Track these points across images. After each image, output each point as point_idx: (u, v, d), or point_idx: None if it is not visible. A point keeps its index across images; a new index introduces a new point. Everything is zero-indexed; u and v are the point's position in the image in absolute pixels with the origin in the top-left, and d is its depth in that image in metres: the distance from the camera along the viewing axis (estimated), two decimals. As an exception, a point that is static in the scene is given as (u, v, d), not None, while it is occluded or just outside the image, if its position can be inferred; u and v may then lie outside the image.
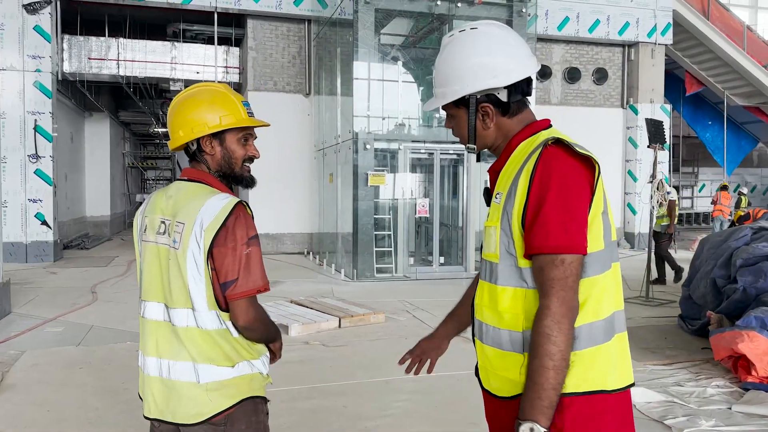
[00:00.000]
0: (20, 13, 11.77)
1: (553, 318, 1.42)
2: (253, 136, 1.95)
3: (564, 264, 1.43)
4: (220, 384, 1.81)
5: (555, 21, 14.72)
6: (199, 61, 14.38)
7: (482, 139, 1.66)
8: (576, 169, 1.49)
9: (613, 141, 15.81)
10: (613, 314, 1.54)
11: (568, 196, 1.46)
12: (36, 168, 11.94)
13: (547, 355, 1.41)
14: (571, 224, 1.45)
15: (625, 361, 1.57)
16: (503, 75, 1.58)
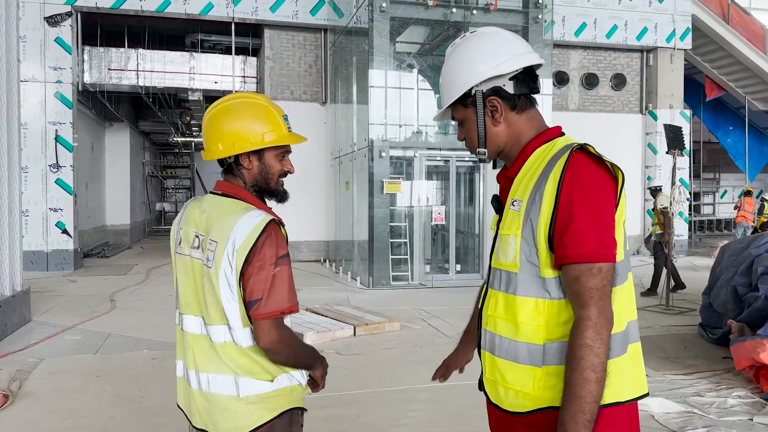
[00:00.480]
0: (42, 25, 11.99)
1: (594, 328, 1.39)
2: (289, 152, 1.94)
3: (601, 273, 1.41)
4: (260, 397, 1.81)
5: (572, 27, 14.65)
6: (217, 71, 14.53)
7: (494, 140, 1.61)
8: (603, 177, 1.47)
9: (632, 147, 15.66)
10: (628, 325, 1.53)
11: (599, 205, 1.44)
12: (57, 177, 12.12)
13: (590, 367, 1.37)
14: (604, 232, 1.43)
15: (638, 371, 1.54)
16: (505, 64, 1.56)
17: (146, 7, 12.51)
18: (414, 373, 5.24)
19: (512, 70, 1.56)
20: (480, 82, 1.57)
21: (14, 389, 4.82)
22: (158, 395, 4.75)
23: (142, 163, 22.27)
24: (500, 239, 1.60)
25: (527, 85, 1.60)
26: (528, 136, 1.61)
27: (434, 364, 2.08)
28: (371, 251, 9.94)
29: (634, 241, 15.80)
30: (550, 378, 1.48)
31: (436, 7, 10.35)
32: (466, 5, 10.61)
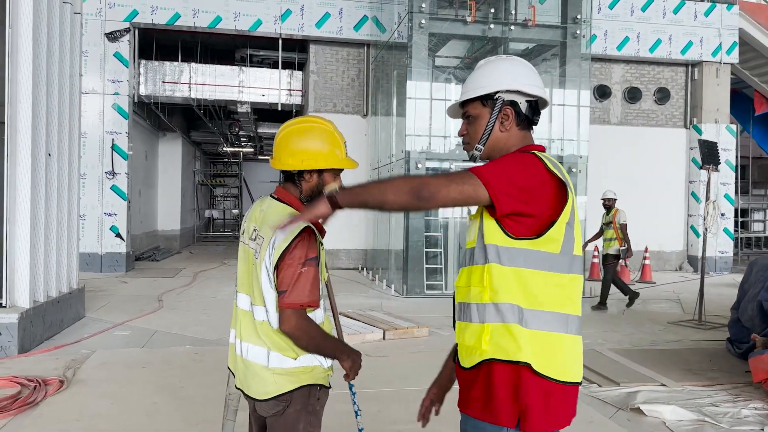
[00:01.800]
0: (102, 41, 12.77)
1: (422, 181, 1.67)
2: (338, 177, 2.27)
3: (464, 177, 1.68)
4: (285, 371, 2.15)
5: (614, 41, 14.66)
6: (264, 85, 15.11)
7: (493, 143, 1.88)
8: (530, 162, 1.73)
9: (675, 162, 15.49)
10: (565, 315, 1.75)
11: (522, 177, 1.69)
12: (112, 184, 12.83)
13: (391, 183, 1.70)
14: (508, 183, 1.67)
15: (574, 360, 1.77)
16: (530, 86, 1.86)
17: (199, 24, 13.17)
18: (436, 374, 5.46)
19: (533, 94, 1.87)
20: (506, 90, 1.85)
21: (69, 376, 5.27)
22: (197, 386, 5.12)
23: (193, 171, 23.13)
24: (469, 225, 1.89)
25: (533, 114, 1.90)
26: (514, 149, 1.87)
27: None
28: (406, 260, 10.20)
29: (677, 257, 15.59)
30: (492, 335, 1.72)
31: (475, 23, 10.60)
32: (504, 21, 10.82)
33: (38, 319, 6.35)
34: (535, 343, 1.70)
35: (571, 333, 1.76)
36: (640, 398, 4.82)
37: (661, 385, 5.23)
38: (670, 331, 7.83)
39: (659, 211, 15.28)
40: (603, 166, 14.24)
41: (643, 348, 6.77)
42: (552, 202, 1.71)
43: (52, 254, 6.82)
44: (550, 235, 1.70)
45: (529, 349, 1.69)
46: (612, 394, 5.04)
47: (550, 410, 1.70)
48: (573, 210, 1.75)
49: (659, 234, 15.16)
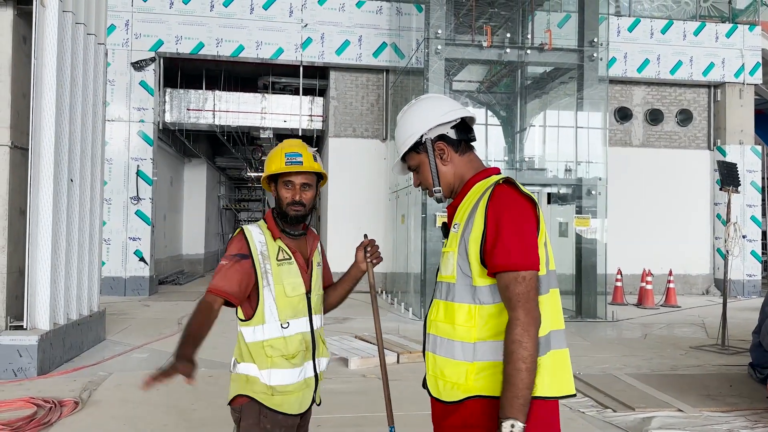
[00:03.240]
0: (128, 70, 13.15)
1: (522, 327, 1.65)
2: (296, 183, 2.30)
3: (525, 280, 1.68)
4: (233, 376, 2.31)
5: (635, 63, 14.62)
6: (286, 111, 15.36)
7: (444, 178, 1.95)
8: (523, 202, 1.77)
9: (699, 184, 15.27)
10: (549, 333, 1.78)
11: (520, 223, 1.73)
12: (137, 209, 13.10)
13: (521, 359, 1.63)
14: (526, 245, 1.71)
15: (560, 374, 1.80)
16: (446, 114, 1.95)
17: (222, 53, 13.49)
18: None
19: (452, 119, 1.95)
20: (428, 130, 1.94)
21: (84, 397, 5.36)
22: (209, 408, 5.16)
23: (218, 196, 23.48)
24: (442, 256, 1.92)
25: (465, 134, 1.97)
26: (469, 174, 1.94)
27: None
28: (423, 283, 10.17)
29: (703, 280, 15.28)
30: (479, 372, 1.75)
31: (491, 47, 10.69)
32: (520, 45, 10.89)
33: (58, 342, 6.48)
34: None
35: (560, 347, 1.80)
36: (654, 424, 4.73)
37: (677, 411, 5.12)
38: (691, 356, 7.66)
39: (684, 234, 15.03)
40: (625, 188, 14.11)
41: (662, 373, 6.63)
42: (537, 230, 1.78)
43: (73, 277, 6.97)
44: None
45: None
46: (627, 419, 4.95)
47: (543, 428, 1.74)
48: (543, 229, 1.81)
49: (684, 257, 14.90)
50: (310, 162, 2.31)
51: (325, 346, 2.44)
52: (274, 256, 2.30)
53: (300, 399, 2.29)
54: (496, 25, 11.66)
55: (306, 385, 2.31)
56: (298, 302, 2.30)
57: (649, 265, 13.46)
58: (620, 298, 12.89)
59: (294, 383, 2.26)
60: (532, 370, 1.64)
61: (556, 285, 1.85)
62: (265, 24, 13.58)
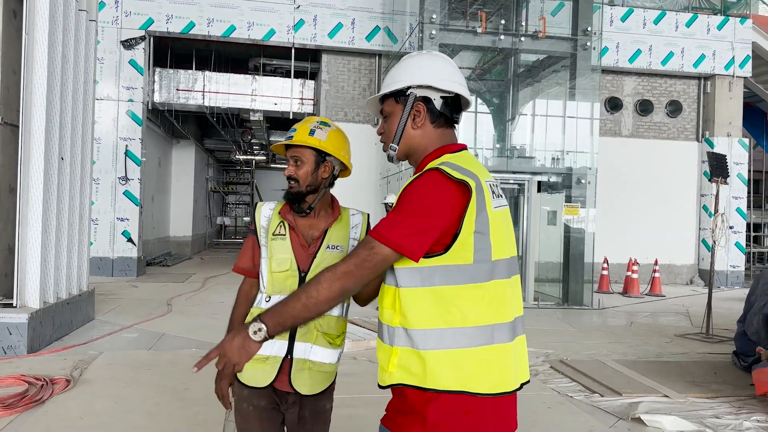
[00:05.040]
0: (118, 48, 12.98)
1: (332, 276, 1.62)
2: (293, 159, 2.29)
3: (372, 250, 1.61)
4: None
5: (626, 53, 14.67)
6: (277, 93, 15.26)
7: (407, 140, 1.81)
8: (444, 190, 1.62)
9: (687, 175, 15.43)
10: (492, 326, 1.66)
11: (420, 210, 1.60)
12: (125, 189, 13.00)
13: (306, 293, 1.63)
14: (402, 227, 1.60)
15: (495, 370, 1.67)
16: (444, 81, 1.80)
17: (213, 33, 13.35)
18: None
19: (446, 90, 1.79)
20: (418, 85, 1.79)
21: (75, 376, 5.35)
22: (201, 387, 5.17)
23: (206, 178, 23.35)
24: None
25: (451, 111, 1.82)
26: (432, 149, 1.79)
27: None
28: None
29: (687, 270, 15.48)
30: (400, 359, 1.66)
31: (485, 34, 10.67)
32: (514, 32, 10.88)
33: (48, 320, 6.45)
34: (452, 363, 1.62)
35: (499, 342, 1.67)
36: (641, 408, 4.81)
37: (663, 396, 5.21)
38: (676, 343, 7.79)
39: (670, 225, 15.20)
40: (614, 178, 14.21)
41: (648, 360, 6.73)
42: (455, 214, 1.62)
43: (63, 256, 6.93)
44: (455, 247, 1.63)
45: (443, 372, 1.61)
46: (614, 404, 5.04)
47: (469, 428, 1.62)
48: (485, 213, 1.66)
49: (670, 247, 15.08)
50: (300, 136, 2.25)
51: (324, 335, 2.25)
52: (272, 230, 2.30)
53: (254, 372, 2.21)
54: (491, 11, 11.62)
55: (266, 360, 2.21)
56: (285, 279, 2.24)
57: (635, 255, 13.62)
58: (606, 286, 13.04)
59: None
60: (306, 309, 1.63)
61: (506, 276, 1.72)
62: (257, 4, 13.44)
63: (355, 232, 2.36)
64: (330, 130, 2.29)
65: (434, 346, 1.62)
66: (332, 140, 2.29)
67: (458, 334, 1.63)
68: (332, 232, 2.32)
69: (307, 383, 2.24)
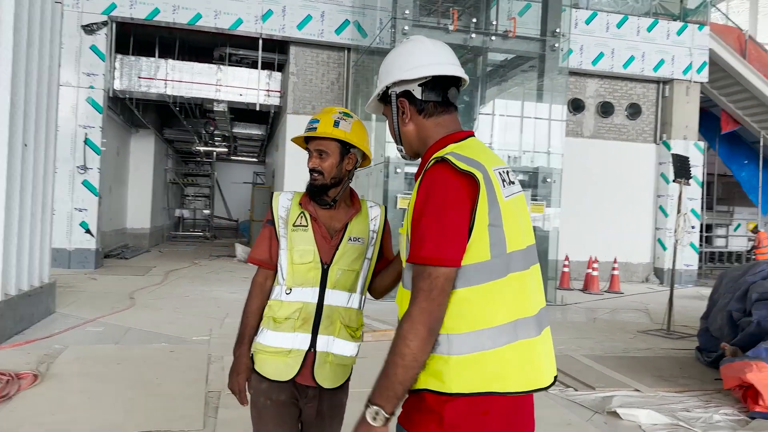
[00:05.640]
0: (79, 33, 12.54)
1: (411, 324, 1.53)
2: (312, 150, 2.26)
3: (430, 277, 1.54)
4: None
5: (590, 56, 14.97)
6: (242, 84, 15.01)
7: (405, 138, 1.80)
8: (456, 186, 1.57)
9: (645, 176, 15.87)
10: (514, 322, 1.61)
11: (445, 210, 1.55)
12: (83, 179, 12.59)
13: (399, 354, 1.53)
14: (442, 238, 1.54)
15: (526, 367, 1.62)
16: (413, 70, 1.73)
17: (178, 20, 13.03)
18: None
19: (416, 77, 1.72)
20: (392, 84, 1.77)
21: (42, 371, 5.16)
22: (175, 383, 5.06)
23: (165, 170, 22.81)
24: (399, 238, 1.78)
25: (438, 93, 1.74)
26: (432, 141, 1.74)
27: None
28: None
29: (643, 269, 15.94)
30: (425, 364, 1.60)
31: (457, 32, 10.72)
32: (485, 31, 10.97)
33: (9, 313, 6.20)
34: (477, 366, 1.58)
35: (524, 338, 1.63)
36: (615, 402, 4.93)
37: (635, 391, 5.36)
38: (640, 339, 8.01)
39: (628, 224, 15.62)
40: (575, 178, 14.50)
41: (616, 355, 6.91)
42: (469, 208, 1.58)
43: (26, 246, 6.67)
44: (471, 244, 1.57)
45: (468, 375, 1.58)
46: (588, 398, 5.15)
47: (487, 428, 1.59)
48: (497, 205, 1.61)
49: (627, 246, 15.50)
50: (325, 127, 2.20)
51: (346, 327, 2.24)
52: (292, 221, 2.25)
53: (277, 365, 2.19)
54: (461, 9, 11.69)
55: (288, 354, 2.18)
56: (307, 271, 2.20)
57: (595, 253, 13.94)
58: (567, 283, 13.32)
59: (274, 346, 2.19)
60: (411, 368, 1.53)
61: (524, 267, 1.66)
62: (224, -7, 13.19)
63: (374, 224, 2.34)
64: (353, 121, 2.25)
65: (458, 350, 1.58)
66: (356, 131, 2.25)
67: (482, 336, 1.58)
68: (353, 225, 2.29)
69: (329, 376, 2.23)
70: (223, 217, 29.11)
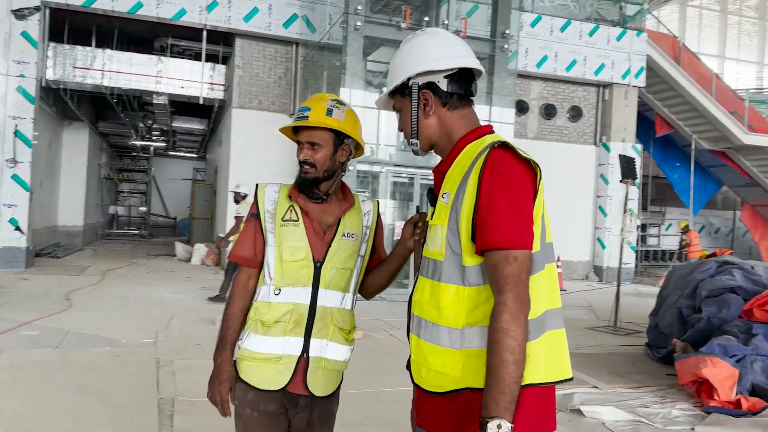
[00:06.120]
0: (8, 18, 11.79)
1: (510, 313, 1.45)
2: (302, 142, 2.09)
3: (517, 261, 1.49)
4: None
5: (534, 59, 15.24)
6: (184, 76, 14.49)
7: (425, 132, 1.72)
8: (522, 170, 1.56)
9: (585, 176, 16.30)
10: (545, 313, 1.60)
11: (517, 196, 1.53)
12: (13, 173, 11.84)
13: (508, 349, 1.43)
14: (521, 222, 1.52)
15: (555, 357, 1.60)
16: (440, 60, 1.69)
17: (117, 8, 12.44)
18: (379, 377, 5.41)
19: (447, 68, 1.69)
20: (416, 74, 1.69)
21: (-25, 378, 4.76)
22: (124, 389, 4.77)
23: (99, 164, 21.84)
24: (430, 229, 1.69)
25: (462, 86, 1.71)
26: (459, 133, 1.70)
27: (398, 371, 2.22)
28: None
29: (583, 267, 16.39)
30: (468, 360, 1.56)
31: (409, 29, 10.67)
32: (437, 30, 10.95)
33: (-65, 316, 5.71)
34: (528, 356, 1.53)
35: (551, 328, 1.62)
36: (576, 399, 4.97)
37: (593, 387, 5.43)
38: (589, 336, 8.17)
39: (569, 223, 15.99)
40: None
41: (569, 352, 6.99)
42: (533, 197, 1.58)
43: (-47, 244, 6.16)
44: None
45: None
46: (549, 396, 5.17)
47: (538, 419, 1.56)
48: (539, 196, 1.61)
49: (569, 245, 15.87)
50: (317, 116, 2.04)
51: (340, 330, 2.09)
52: (281, 215, 2.09)
53: (265, 373, 2.01)
54: (413, 7, 11.65)
55: (279, 360, 2.00)
56: (298, 269, 2.03)
57: (540, 252, 14.20)
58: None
59: (263, 352, 2.01)
60: (521, 362, 1.44)
61: (554, 258, 1.66)
62: (167, -18, 12.68)
63: (367, 219, 2.21)
64: (347, 110, 2.10)
65: None
66: (350, 120, 2.10)
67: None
68: (347, 219, 2.15)
69: (321, 383, 2.07)
70: (160, 214, 28.12)
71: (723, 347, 5.18)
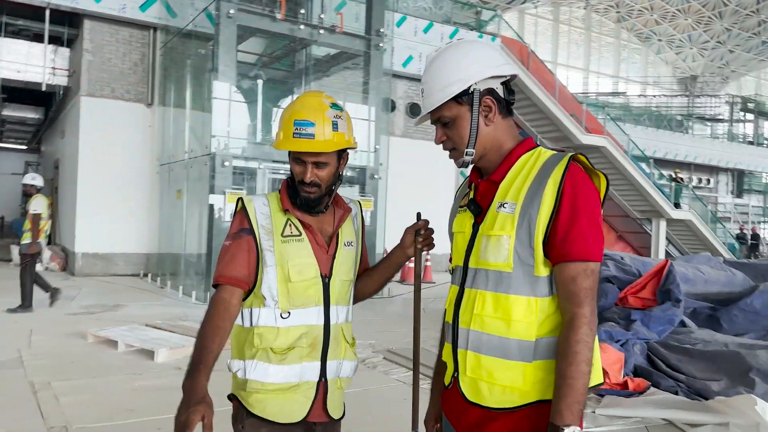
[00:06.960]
0: None
1: (589, 325, 1.49)
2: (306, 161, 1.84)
3: (594, 273, 1.52)
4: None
5: (401, 58, 15.52)
6: (21, 59, 12.95)
7: (483, 141, 1.65)
8: (594, 186, 1.59)
9: (447, 174, 16.95)
10: None
11: (596, 211, 1.56)
12: None
13: (585, 360, 1.47)
14: (599, 237, 1.55)
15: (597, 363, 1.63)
16: (502, 67, 1.66)
17: (-62, -24, 10.76)
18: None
19: (508, 74, 1.67)
20: (480, 80, 1.63)
21: None
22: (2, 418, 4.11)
23: None
24: (487, 240, 1.62)
25: (509, 93, 1.70)
26: (509, 143, 1.68)
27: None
28: (209, 264, 9.48)
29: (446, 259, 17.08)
30: (538, 372, 1.55)
31: (284, 21, 10.35)
32: (314, 24, 10.75)
33: None
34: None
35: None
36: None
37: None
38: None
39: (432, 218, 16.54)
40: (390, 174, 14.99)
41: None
42: None
43: None
44: None
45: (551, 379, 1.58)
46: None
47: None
48: None
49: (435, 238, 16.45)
50: (326, 136, 1.83)
51: (350, 345, 1.97)
52: (279, 230, 1.86)
53: (283, 405, 1.82)
54: (287, -2, 11.33)
55: (297, 389, 1.83)
56: (307, 288, 1.85)
57: (408, 246, 14.56)
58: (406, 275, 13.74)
59: (276, 383, 1.80)
60: (589, 373, 1.49)
61: None
62: (1, -49, 11.19)
63: (355, 223, 2.08)
64: (345, 114, 1.91)
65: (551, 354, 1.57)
66: (350, 126, 1.93)
67: None
68: (344, 227, 2.00)
69: (338, 405, 1.93)
70: (-18, 213, 24.93)
71: (608, 333, 5.61)
